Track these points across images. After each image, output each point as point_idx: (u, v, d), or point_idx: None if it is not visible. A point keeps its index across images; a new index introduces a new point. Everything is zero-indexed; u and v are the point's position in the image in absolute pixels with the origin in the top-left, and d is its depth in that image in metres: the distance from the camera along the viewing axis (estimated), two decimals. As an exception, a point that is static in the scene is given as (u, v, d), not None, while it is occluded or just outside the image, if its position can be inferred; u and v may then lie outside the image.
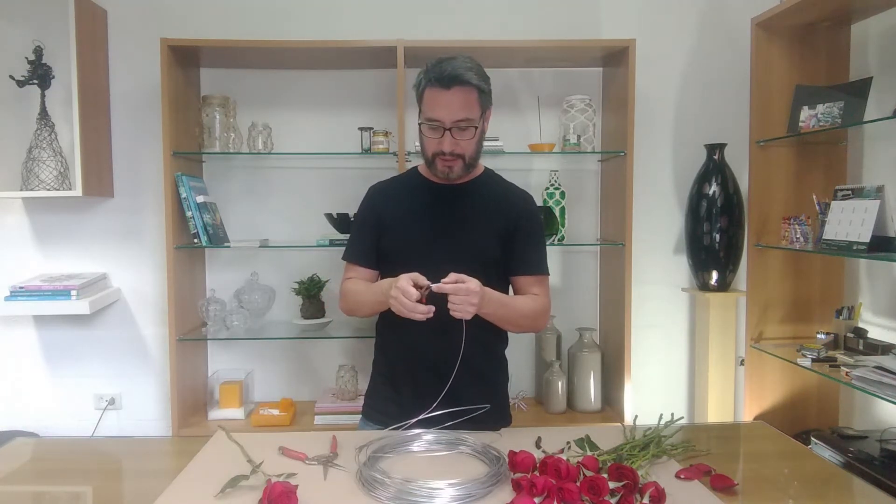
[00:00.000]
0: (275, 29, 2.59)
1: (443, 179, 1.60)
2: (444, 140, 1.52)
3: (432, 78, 1.50)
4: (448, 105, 1.50)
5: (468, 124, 1.52)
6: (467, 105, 1.51)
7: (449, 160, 1.55)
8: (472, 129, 1.54)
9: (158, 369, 2.67)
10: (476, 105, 1.53)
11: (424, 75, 1.53)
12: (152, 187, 2.60)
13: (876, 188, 2.02)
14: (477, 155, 1.61)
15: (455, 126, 1.51)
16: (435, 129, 1.53)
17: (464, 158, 1.56)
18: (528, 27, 2.65)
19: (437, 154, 1.55)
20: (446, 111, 1.50)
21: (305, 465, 1.33)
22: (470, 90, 1.51)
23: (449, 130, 1.51)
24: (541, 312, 1.64)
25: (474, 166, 1.63)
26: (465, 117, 1.51)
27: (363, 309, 1.66)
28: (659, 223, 2.75)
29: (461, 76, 1.49)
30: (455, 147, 1.53)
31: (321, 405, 2.49)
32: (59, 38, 2.42)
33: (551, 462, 1.19)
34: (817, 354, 2.21)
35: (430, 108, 1.52)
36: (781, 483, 1.32)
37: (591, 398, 2.54)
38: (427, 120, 1.53)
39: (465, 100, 1.51)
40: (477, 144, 1.58)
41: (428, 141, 1.56)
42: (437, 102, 1.51)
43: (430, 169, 1.61)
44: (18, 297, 2.40)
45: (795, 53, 2.46)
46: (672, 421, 1.45)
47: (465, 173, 1.60)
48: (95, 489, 1.34)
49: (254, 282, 2.57)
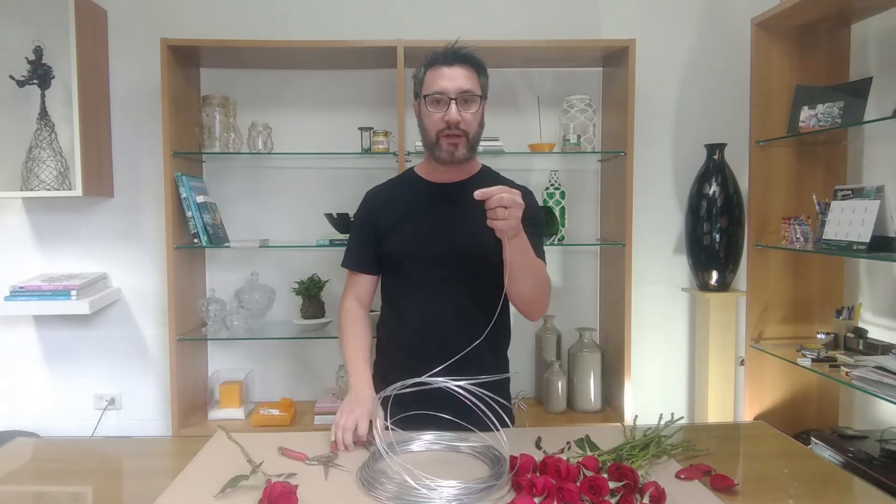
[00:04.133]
0: (275, 29, 2.59)
1: (447, 162, 1.57)
2: (450, 110, 1.51)
3: (435, 58, 1.54)
4: (452, 77, 1.52)
5: (472, 95, 1.53)
6: (471, 79, 1.53)
7: (454, 137, 1.53)
8: (476, 103, 1.54)
9: (158, 369, 2.67)
10: (477, 84, 1.55)
11: (424, 61, 1.56)
12: (152, 187, 2.60)
13: (876, 188, 2.02)
14: (478, 136, 1.60)
15: (460, 97, 1.52)
16: (439, 103, 1.52)
17: (468, 137, 1.55)
18: (528, 27, 2.65)
19: (442, 132, 1.54)
20: (450, 82, 1.51)
21: (305, 465, 1.33)
22: (471, 69, 1.54)
23: (454, 101, 1.51)
24: (547, 282, 1.58)
25: (475, 150, 1.61)
26: (470, 88, 1.52)
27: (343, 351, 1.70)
28: (659, 223, 2.75)
29: (465, 55, 1.53)
30: (461, 120, 1.52)
31: (321, 405, 2.49)
32: (59, 38, 2.42)
33: (551, 462, 1.19)
34: (817, 354, 2.21)
35: (434, 83, 1.53)
36: (781, 483, 1.31)
37: (591, 398, 2.54)
38: (430, 94, 1.53)
39: (468, 75, 1.53)
40: (479, 125, 1.58)
41: (431, 118, 1.54)
42: (441, 76, 1.52)
43: (433, 153, 1.58)
44: (18, 297, 2.40)
45: (795, 53, 2.46)
46: (672, 421, 1.45)
47: (469, 156, 1.58)
48: (95, 489, 1.34)
49: (254, 282, 2.57)
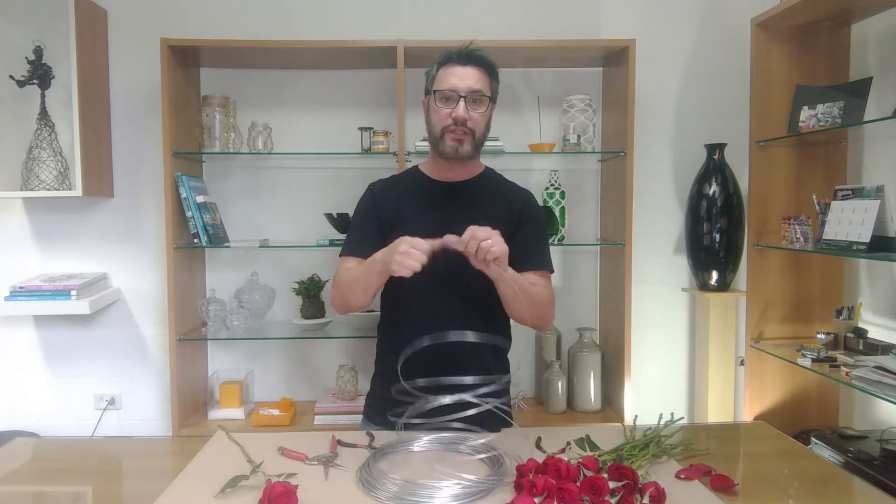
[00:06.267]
0: (275, 29, 2.59)
1: (451, 157, 1.57)
2: (459, 108, 1.52)
3: (451, 56, 1.56)
4: (464, 76, 1.53)
5: (481, 96, 1.54)
6: (482, 80, 1.55)
7: (459, 134, 1.54)
8: (486, 105, 1.56)
9: (158, 369, 2.67)
10: (489, 86, 1.57)
11: (440, 59, 1.58)
12: (152, 187, 2.60)
13: (876, 188, 2.02)
14: (484, 137, 1.61)
15: (470, 96, 1.53)
16: (449, 100, 1.54)
17: (474, 135, 1.56)
18: (528, 27, 2.65)
19: (447, 128, 1.54)
20: (461, 81, 1.53)
21: (305, 465, 1.33)
22: (484, 72, 1.56)
23: (463, 99, 1.52)
24: (548, 303, 1.62)
25: (480, 150, 1.62)
26: (480, 89, 1.54)
27: (354, 288, 1.55)
28: (659, 223, 2.75)
29: (479, 57, 1.55)
30: (468, 118, 1.53)
31: (321, 405, 2.49)
32: (59, 38, 2.42)
33: (551, 462, 1.19)
34: (817, 354, 2.21)
35: (445, 81, 1.55)
36: (781, 483, 1.31)
37: (591, 398, 2.54)
38: (441, 91, 1.54)
39: (480, 75, 1.55)
40: (486, 126, 1.59)
41: (438, 114, 1.55)
42: (453, 73, 1.54)
43: (437, 149, 1.58)
44: (18, 297, 2.40)
45: (795, 53, 2.46)
46: (672, 421, 1.45)
47: (472, 154, 1.59)
48: (95, 489, 1.34)
49: (254, 282, 2.57)
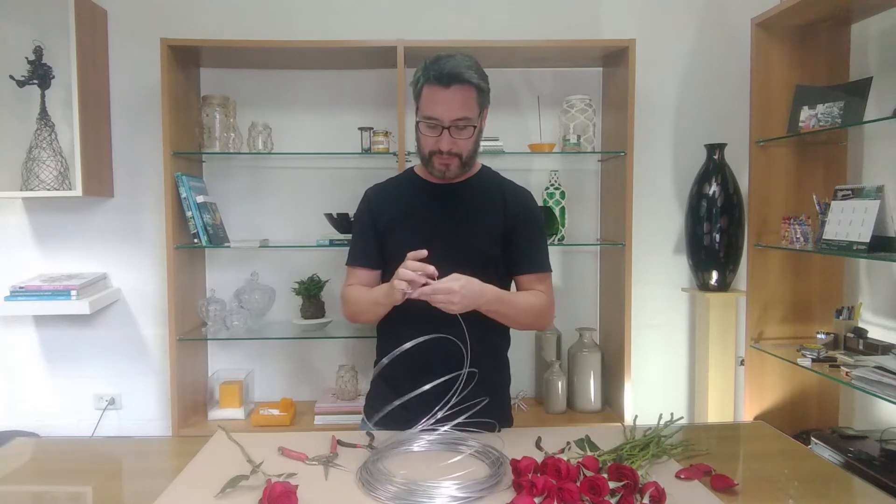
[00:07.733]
0: (275, 29, 2.59)
1: (439, 178, 1.60)
2: (443, 139, 1.51)
3: (431, 76, 1.49)
4: (447, 103, 1.49)
5: (466, 123, 1.51)
6: (466, 104, 1.50)
7: (446, 159, 1.55)
8: (471, 129, 1.53)
9: (158, 369, 2.67)
10: (475, 104, 1.52)
11: (423, 73, 1.52)
12: (152, 187, 2.60)
13: (876, 188, 2.02)
14: (474, 154, 1.60)
15: (453, 125, 1.50)
16: (433, 128, 1.52)
17: (461, 157, 1.55)
18: (528, 27, 2.65)
19: (434, 153, 1.55)
20: (445, 109, 1.49)
21: (305, 465, 1.33)
22: (469, 89, 1.49)
23: (447, 129, 1.51)
24: (545, 309, 1.63)
25: (471, 165, 1.63)
26: (464, 116, 1.50)
27: (364, 315, 1.65)
28: (659, 223, 2.75)
29: (461, 75, 1.48)
30: (453, 146, 1.53)
31: (321, 405, 2.49)
32: (59, 38, 2.42)
33: (551, 462, 1.19)
34: (817, 354, 2.21)
35: (429, 107, 1.51)
36: (781, 483, 1.31)
37: (591, 398, 2.54)
38: (425, 118, 1.52)
39: (464, 99, 1.50)
40: (474, 144, 1.58)
41: (425, 139, 1.55)
42: (435, 100, 1.50)
43: (426, 167, 1.61)
44: (18, 297, 2.40)
45: (795, 53, 2.46)
46: (672, 421, 1.45)
47: (461, 172, 1.60)
48: (95, 489, 1.34)
49: (254, 282, 2.57)
